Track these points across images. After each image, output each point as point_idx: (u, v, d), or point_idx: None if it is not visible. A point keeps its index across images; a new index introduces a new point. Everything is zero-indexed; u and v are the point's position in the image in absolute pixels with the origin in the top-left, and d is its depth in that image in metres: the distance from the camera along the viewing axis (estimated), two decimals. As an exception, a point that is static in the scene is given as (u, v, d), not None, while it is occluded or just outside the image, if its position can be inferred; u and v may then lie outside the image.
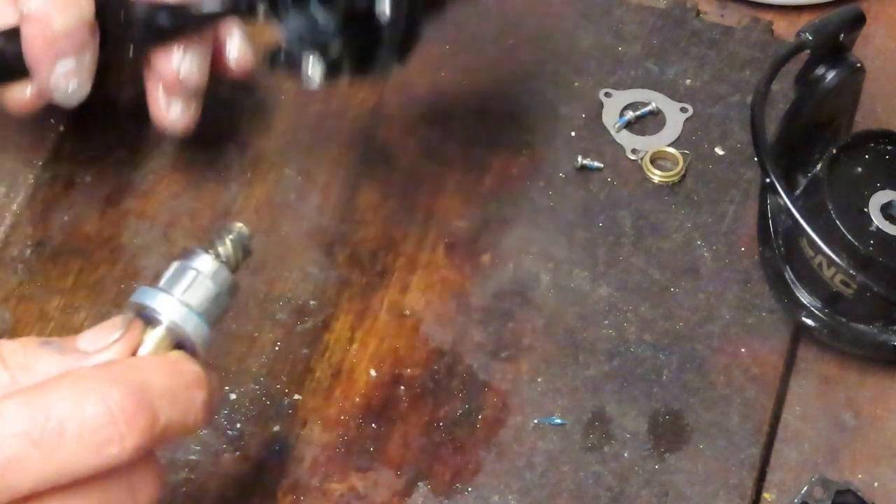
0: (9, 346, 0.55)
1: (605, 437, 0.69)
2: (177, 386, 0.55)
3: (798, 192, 0.73)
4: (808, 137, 0.74)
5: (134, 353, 0.57)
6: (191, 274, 0.58)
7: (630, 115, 0.81)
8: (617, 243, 0.76)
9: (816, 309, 0.71)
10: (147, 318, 0.58)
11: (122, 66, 0.73)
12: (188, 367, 0.56)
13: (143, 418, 0.53)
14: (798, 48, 0.72)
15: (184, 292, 0.58)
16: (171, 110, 0.72)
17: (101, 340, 0.56)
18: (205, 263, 0.59)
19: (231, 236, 0.60)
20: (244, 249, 0.60)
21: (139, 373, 0.54)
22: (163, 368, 0.55)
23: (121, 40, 0.69)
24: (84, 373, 0.54)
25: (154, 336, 0.57)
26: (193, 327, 0.58)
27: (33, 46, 0.67)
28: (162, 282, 0.59)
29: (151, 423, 0.53)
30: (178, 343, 0.58)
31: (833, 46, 0.72)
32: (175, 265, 0.59)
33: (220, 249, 0.60)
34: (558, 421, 0.70)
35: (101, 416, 0.52)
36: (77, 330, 0.71)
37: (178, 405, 0.55)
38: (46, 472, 0.51)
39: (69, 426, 0.52)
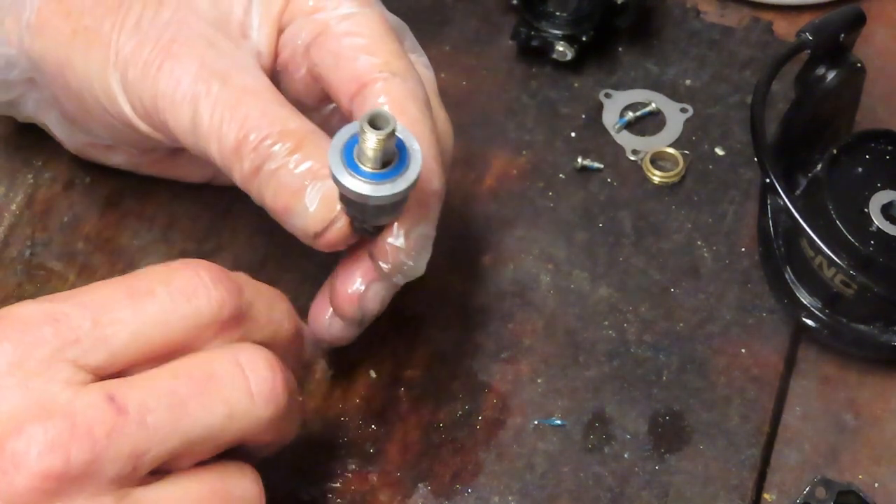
0: None
1: (605, 438, 0.69)
2: (257, 283, 0.58)
3: (798, 192, 0.73)
4: (808, 137, 0.74)
5: None
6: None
7: (630, 115, 0.81)
8: (617, 244, 0.76)
9: (816, 309, 0.71)
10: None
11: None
12: (270, 287, 0.59)
13: (228, 281, 0.55)
14: (798, 48, 0.72)
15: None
16: (333, 327, 0.67)
17: None
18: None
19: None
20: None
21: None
22: (245, 277, 0.58)
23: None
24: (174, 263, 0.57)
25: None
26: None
27: None
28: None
29: (236, 288, 0.55)
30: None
31: (833, 46, 0.72)
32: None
33: None
34: (558, 422, 0.70)
35: (187, 273, 0.55)
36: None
37: (262, 295, 0.57)
38: (139, 322, 0.53)
39: (157, 283, 0.54)
